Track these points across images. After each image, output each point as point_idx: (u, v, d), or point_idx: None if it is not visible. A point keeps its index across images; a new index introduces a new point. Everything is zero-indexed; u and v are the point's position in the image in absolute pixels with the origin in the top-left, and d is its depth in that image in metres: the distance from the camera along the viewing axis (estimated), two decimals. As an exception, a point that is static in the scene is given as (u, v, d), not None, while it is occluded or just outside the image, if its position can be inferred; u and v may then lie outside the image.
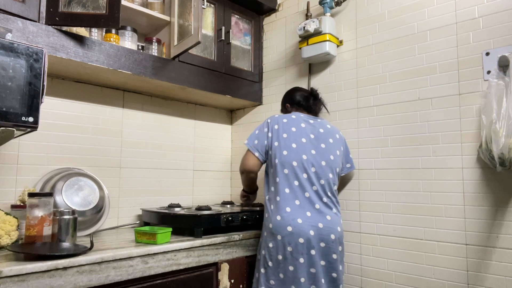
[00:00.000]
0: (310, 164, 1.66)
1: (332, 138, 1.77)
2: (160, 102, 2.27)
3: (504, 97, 1.40)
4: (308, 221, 1.59)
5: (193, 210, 1.83)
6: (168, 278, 1.49)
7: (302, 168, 1.65)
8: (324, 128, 1.79)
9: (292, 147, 1.68)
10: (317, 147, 1.71)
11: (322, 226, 1.59)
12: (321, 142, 1.73)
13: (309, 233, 1.57)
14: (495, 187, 1.53)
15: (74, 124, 1.89)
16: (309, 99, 1.88)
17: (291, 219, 1.59)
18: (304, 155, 1.67)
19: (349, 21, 2.06)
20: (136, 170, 2.12)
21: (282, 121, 1.74)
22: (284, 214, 1.61)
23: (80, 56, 1.61)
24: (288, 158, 1.66)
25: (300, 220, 1.58)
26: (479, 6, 1.62)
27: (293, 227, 1.58)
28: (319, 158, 1.69)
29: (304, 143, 1.70)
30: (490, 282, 1.51)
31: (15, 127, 1.21)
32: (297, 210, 1.61)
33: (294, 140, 1.69)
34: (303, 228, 1.57)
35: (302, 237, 1.56)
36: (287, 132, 1.71)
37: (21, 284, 1.11)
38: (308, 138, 1.72)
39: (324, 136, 1.75)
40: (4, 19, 1.39)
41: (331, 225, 1.62)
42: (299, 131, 1.72)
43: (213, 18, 2.21)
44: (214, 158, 2.54)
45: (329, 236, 1.60)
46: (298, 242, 1.56)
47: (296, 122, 1.75)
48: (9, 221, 1.36)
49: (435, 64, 1.72)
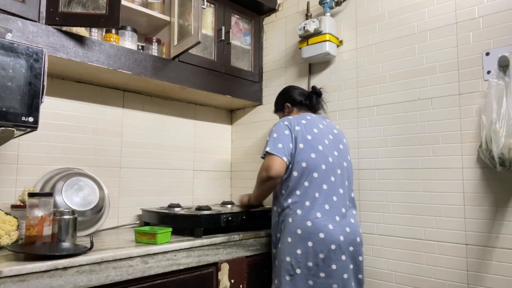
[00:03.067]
0: (336, 166, 1.64)
1: (344, 138, 1.78)
2: (160, 102, 2.27)
3: (504, 97, 1.40)
4: (338, 227, 1.56)
5: (193, 210, 1.82)
6: (168, 278, 1.49)
7: (330, 170, 1.61)
8: (337, 129, 1.78)
9: (319, 149, 1.61)
10: (337, 148, 1.69)
11: (349, 230, 1.58)
12: (339, 143, 1.71)
13: (339, 239, 1.54)
14: (495, 187, 1.53)
15: (74, 124, 1.89)
16: (312, 98, 1.84)
17: (323, 225, 1.54)
18: (330, 157, 1.63)
19: (349, 21, 2.06)
20: (136, 170, 2.12)
21: (301, 122, 1.66)
22: (315, 220, 1.54)
23: (80, 56, 1.61)
24: (317, 161, 1.59)
25: (331, 226, 1.55)
26: (479, 6, 1.62)
27: (325, 234, 1.53)
28: (341, 159, 1.67)
29: (327, 145, 1.65)
30: (490, 282, 1.51)
31: (15, 127, 1.21)
32: (327, 215, 1.56)
33: (319, 142, 1.63)
34: (334, 234, 1.54)
35: (334, 244, 1.53)
36: (310, 133, 1.63)
37: (21, 284, 1.11)
38: (329, 139, 1.68)
39: (339, 136, 1.75)
40: (4, 19, 1.39)
41: (356, 228, 1.63)
42: (320, 133, 1.66)
43: (213, 18, 2.21)
44: (214, 158, 2.54)
45: (355, 240, 1.60)
46: (330, 248, 1.52)
47: (315, 123, 1.69)
48: (9, 221, 1.36)
49: (435, 64, 1.72)
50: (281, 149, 1.57)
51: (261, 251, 1.84)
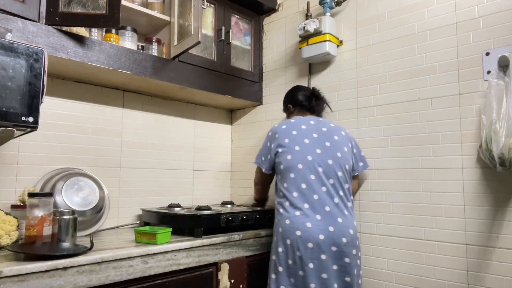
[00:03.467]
0: (317, 164, 1.62)
1: (337, 136, 1.72)
2: (160, 102, 2.27)
3: (504, 97, 1.40)
4: (318, 225, 1.55)
5: (193, 210, 1.82)
6: (168, 278, 1.49)
7: (309, 169, 1.62)
8: (327, 127, 1.75)
9: (295, 150, 1.65)
10: (322, 145, 1.67)
11: (333, 230, 1.55)
12: (325, 140, 1.69)
13: (318, 238, 1.53)
14: (495, 187, 1.53)
15: (74, 124, 1.89)
16: (311, 100, 1.87)
17: (300, 223, 1.56)
18: (309, 156, 1.63)
19: (349, 21, 2.06)
20: (136, 170, 2.12)
21: (282, 128, 1.74)
22: (293, 218, 1.58)
23: (80, 56, 1.61)
24: (293, 161, 1.64)
25: (309, 224, 1.55)
26: (479, 6, 1.62)
27: (302, 231, 1.54)
28: (325, 156, 1.64)
29: (307, 144, 1.66)
30: (490, 282, 1.51)
31: (15, 127, 1.21)
32: (307, 213, 1.57)
33: (296, 143, 1.67)
34: (312, 233, 1.54)
35: (311, 242, 1.53)
36: (288, 136, 1.69)
37: (21, 284, 1.11)
38: (311, 138, 1.68)
39: (328, 134, 1.71)
40: (4, 19, 1.39)
41: (343, 228, 1.57)
42: (300, 133, 1.69)
43: (213, 18, 2.21)
44: (214, 158, 2.54)
45: (340, 240, 1.55)
46: (307, 246, 1.53)
47: (296, 125, 1.73)
48: (9, 221, 1.36)
49: (435, 64, 1.72)
50: (263, 161, 1.80)
51: (261, 251, 1.84)
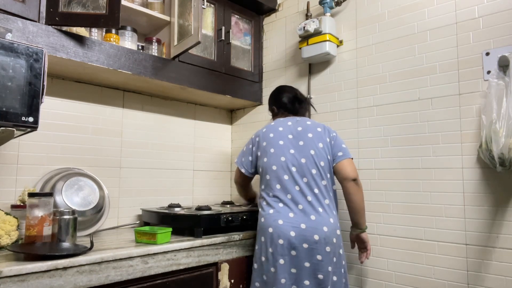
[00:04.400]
0: (290, 164, 1.66)
1: (311, 133, 1.71)
2: (160, 102, 2.27)
3: (504, 97, 1.40)
4: (289, 222, 1.58)
5: (193, 210, 1.82)
6: (168, 278, 1.49)
7: (282, 170, 1.66)
8: (303, 126, 1.74)
9: (270, 152, 1.71)
10: (295, 145, 1.69)
11: (305, 227, 1.56)
12: (299, 139, 1.70)
13: (289, 234, 1.56)
14: (495, 187, 1.53)
15: (74, 124, 1.89)
16: (294, 102, 1.88)
17: (272, 220, 1.60)
18: (282, 157, 1.67)
19: (349, 21, 2.06)
20: (136, 170, 2.12)
21: (262, 132, 1.80)
22: (266, 216, 1.63)
23: (80, 56, 1.61)
24: (268, 163, 1.70)
25: (281, 221, 1.58)
26: (479, 6, 1.62)
27: (274, 228, 1.59)
28: (298, 156, 1.67)
29: (281, 145, 1.70)
30: (490, 282, 1.51)
31: (15, 127, 1.21)
32: (280, 211, 1.61)
33: (271, 145, 1.72)
34: (283, 229, 1.57)
35: (282, 238, 1.56)
36: (266, 140, 1.75)
37: (21, 284, 1.11)
38: (286, 139, 1.71)
39: (303, 132, 1.72)
40: (4, 19, 1.39)
41: (315, 225, 1.56)
42: (276, 135, 1.73)
43: (213, 18, 2.21)
44: (214, 158, 2.54)
45: (312, 237, 1.54)
46: (278, 243, 1.56)
47: (274, 128, 1.77)
48: (9, 221, 1.36)
49: (435, 64, 1.72)
50: (242, 162, 1.86)
51: (261, 251, 1.84)
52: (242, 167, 1.84)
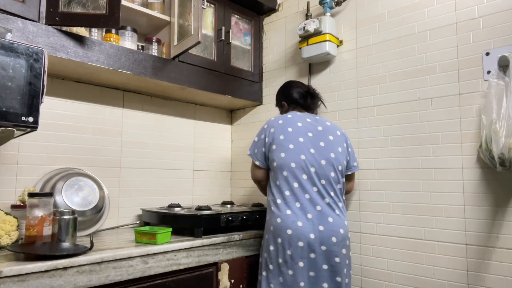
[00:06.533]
0: (310, 164, 1.62)
1: (332, 135, 1.71)
2: (160, 102, 2.27)
3: (504, 97, 1.40)
4: (309, 224, 1.56)
5: (193, 210, 1.82)
6: (168, 278, 1.49)
7: (301, 169, 1.61)
8: (323, 126, 1.73)
9: (289, 148, 1.63)
10: (316, 145, 1.66)
11: (323, 229, 1.55)
12: (320, 140, 1.67)
13: (309, 237, 1.54)
14: (495, 187, 1.53)
15: (74, 124, 1.89)
16: (306, 97, 1.83)
17: (291, 222, 1.56)
18: (302, 155, 1.62)
19: (349, 21, 2.06)
20: (136, 170, 2.12)
21: (278, 123, 1.70)
22: (284, 217, 1.58)
23: (80, 56, 1.61)
24: (286, 160, 1.62)
25: (300, 223, 1.56)
26: (479, 6, 1.62)
27: (293, 230, 1.55)
28: (318, 157, 1.64)
29: (301, 143, 1.65)
30: (490, 282, 1.51)
31: (15, 127, 1.21)
32: (298, 212, 1.58)
33: (291, 140, 1.65)
34: (303, 232, 1.54)
35: (302, 241, 1.54)
36: (283, 133, 1.66)
37: (21, 284, 1.11)
38: (306, 137, 1.67)
39: (323, 133, 1.70)
40: (4, 19, 1.39)
41: (333, 227, 1.57)
42: (296, 131, 1.67)
43: (213, 18, 2.21)
44: (214, 158, 2.54)
45: (330, 239, 1.55)
46: (297, 245, 1.54)
47: (293, 122, 1.70)
48: (9, 221, 1.36)
49: (435, 64, 1.72)
50: (256, 154, 1.74)
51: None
52: (256, 159, 1.73)
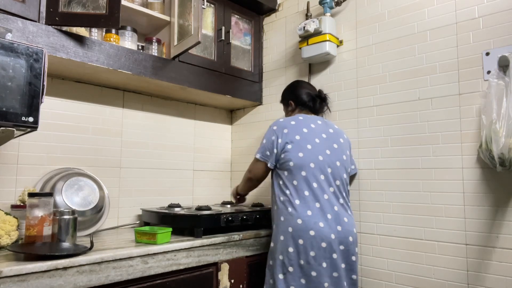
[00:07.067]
0: (327, 164, 1.64)
1: (341, 138, 1.78)
2: (160, 102, 2.27)
3: (504, 97, 1.40)
4: (329, 225, 1.57)
5: (193, 210, 1.82)
6: (168, 278, 1.49)
7: (319, 169, 1.63)
8: (333, 129, 1.79)
9: (307, 148, 1.64)
10: (330, 147, 1.69)
11: (340, 229, 1.59)
12: (333, 142, 1.72)
13: (330, 237, 1.56)
14: (495, 187, 1.53)
15: (74, 124, 1.89)
16: (316, 101, 1.84)
17: (313, 223, 1.56)
18: (320, 156, 1.64)
19: (349, 21, 2.06)
20: (136, 170, 2.12)
21: (291, 124, 1.70)
22: (305, 218, 1.57)
23: (80, 56, 1.61)
24: (305, 159, 1.62)
25: (322, 224, 1.56)
26: (479, 6, 1.62)
27: (316, 231, 1.55)
28: (334, 158, 1.68)
29: (318, 144, 1.67)
30: (490, 282, 1.51)
31: (15, 127, 1.21)
32: (318, 213, 1.58)
33: (308, 141, 1.66)
34: (325, 232, 1.55)
35: (325, 241, 1.55)
36: (299, 133, 1.67)
37: (21, 284, 1.11)
38: (321, 138, 1.69)
39: (335, 136, 1.75)
40: (4, 19, 1.39)
41: (348, 227, 1.62)
42: (311, 132, 1.69)
43: (213, 18, 2.21)
44: (214, 158, 2.54)
45: (347, 239, 1.60)
46: (321, 246, 1.54)
47: (306, 123, 1.72)
48: (9, 221, 1.36)
49: (435, 64, 1.72)
50: (268, 155, 1.70)
51: (261, 251, 1.84)
52: (268, 161, 1.70)
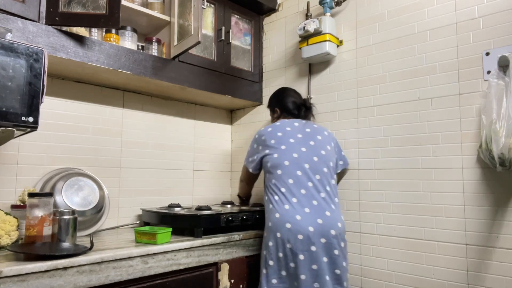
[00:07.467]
0: (303, 160, 1.69)
1: (320, 135, 1.80)
2: (160, 102, 2.27)
3: (504, 97, 1.40)
4: (307, 217, 1.59)
5: (193, 210, 1.82)
6: (168, 278, 1.49)
7: (295, 165, 1.68)
8: (311, 128, 1.82)
9: (281, 149, 1.72)
10: (306, 144, 1.74)
11: (321, 222, 1.59)
12: (309, 139, 1.76)
13: (308, 229, 1.57)
14: (495, 187, 1.53)
15: (74, 124, 1.89)
16: (301, 109, 1.91)
17: (290, 216, 1.60)
18: (294, 153, 1.70)
19: (349, 21, 2.06)
20: (136, 170, 2.12)
21: (267, 131, 1.81)
22: (282, 212, 1.62)
23: (80, 56, 1.61)
24: (279, 159, 1.71)
25: (299, 217, 1.59)
26: (479, 6, 1.62)
27: (292, 224, 1.58)
28: (311, 154, 1.71)
29: (292, 143, 1.73)
30: (490, 282, 1.51)
31: (15, 127, 1.21)
32: (296, 207, 1.61)
33: (282, 143, 1.74)
34: (302, 224, 1.57)
35: (301, 234, 1.57)
36: (274, 138, 1.76)
37: (21, 284, 1.11)
38: (296, 138, 1.75)
39: (312, 134, 1.78)
40: (4, 19, 1.39)
41: (331, 220, 1.61)
42: (285, 134, 1.76)
43: (213, 18, 2.21)
44: (214, 158, 2.54)
45: (329, 232, 1.59)
46: (297, 238, 1.57)
47: (281, 127, 1.80)
48: (9, 221, 1.36)
49: (435, 64, 1.72)
50: (250, 162, 1.87)
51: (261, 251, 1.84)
52: (251, 167, 1.86)
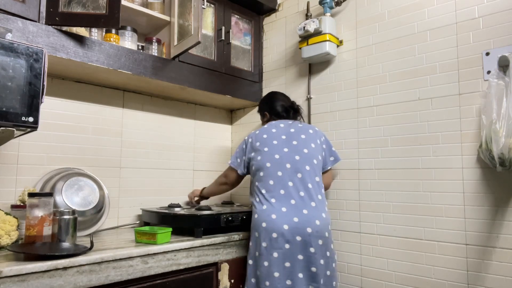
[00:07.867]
0: (285, 161, 1.71)
1: (304, 134, 1.80)
2: (160, 102, 2.27)
3: (504, 97, 1.40)
4: (282, 216, 1.61)
5: (193, 210, 1.83)
6: (168, 278, 1.49)
7: (277, 166, 1.70)
8: (296, 128, 1.83)
9: (264, 151, 1.75)
10: (289, 144, 1.75)
11: (297, 220, 1.60)
12: (293, 139, 1.77)
13: (282, 228, 1.59)
14: (495, 187, 1.53)
15: (74, 124, 1.89)
16: (289, 112, 1.93)
17: (266, 215, 1.63)
18: (276, 155, 1.73)
19: (349, 21, 2.06)
20: (136, 170, 2.12)
21: (255, 134, 1.84)
22: (260, 212, 1.66)
23: (80, 56, 1.61)
24: (262, 161, 1.74)
25: (274, 216, 1.61)
26: (479, 6, 1.62)
27: (267, 223, 1.61)
28: (292, 153, 1.73)
29: (275, 145, 1.76)
30: (490, 282, 1.51)
31: (15, 127, 1.21)
32: (273, 206, 1.64)
33: (265, 144, 1.77)
34: (277, 223, 1.60)
35: (276, 232, 1.59)
36: (259, 140, 1.80)
37: (21, 284, 1.11)
38: (280, 139, 1.77)
39: (296, 133, 1.80)
40: (4, 19, 1.39)
41: (308, 218, 1.61)
42: (269, 136, 1.79)
43: (213, 18, 2.21)
44: (214, 158, 2.54)
45: (305, 230, 1.59)
46: (272, 237, 1.59)
47: (267, 130, 1.82)
48: (9, 221, 1.36)
49: (435, 64, 1.72)
50: (238, 163, 1.87)
51: (261, 251, 1.84)
52: (238, 168, 1.87)
